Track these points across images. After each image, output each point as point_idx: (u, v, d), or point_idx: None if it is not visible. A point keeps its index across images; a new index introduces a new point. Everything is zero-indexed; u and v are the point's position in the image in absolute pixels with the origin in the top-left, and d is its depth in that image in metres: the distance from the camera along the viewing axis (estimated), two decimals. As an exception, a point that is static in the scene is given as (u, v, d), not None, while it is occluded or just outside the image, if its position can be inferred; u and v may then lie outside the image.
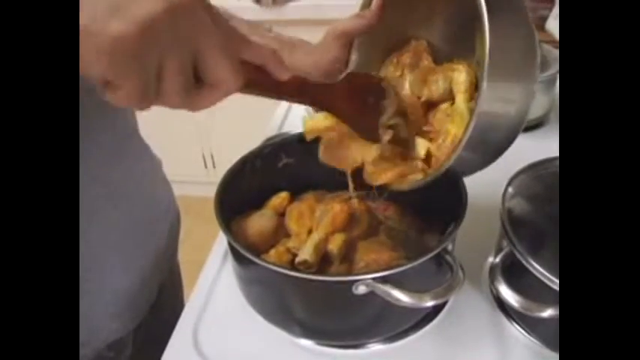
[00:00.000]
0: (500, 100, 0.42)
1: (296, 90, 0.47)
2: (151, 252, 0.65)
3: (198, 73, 0.35)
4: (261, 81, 0.42)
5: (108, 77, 0.31)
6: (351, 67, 0.56)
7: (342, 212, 0.61)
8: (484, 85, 0.40)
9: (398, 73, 0.55)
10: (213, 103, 0.36)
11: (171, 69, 0.32)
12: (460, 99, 0.49)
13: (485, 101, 0.41)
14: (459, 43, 0.53)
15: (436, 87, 0.52)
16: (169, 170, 0.75)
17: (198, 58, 0.34)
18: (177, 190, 0.80)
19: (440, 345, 0.56)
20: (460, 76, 0.50)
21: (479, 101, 0.40)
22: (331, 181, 0.68)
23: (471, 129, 0.42)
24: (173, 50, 0.32)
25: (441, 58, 0.55)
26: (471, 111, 0.48)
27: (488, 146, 0.46)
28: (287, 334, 0.57)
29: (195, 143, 2.13)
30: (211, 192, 0.57)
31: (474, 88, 0.50)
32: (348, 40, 0.54)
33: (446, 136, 0.49)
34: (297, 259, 0.56)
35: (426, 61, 0.55)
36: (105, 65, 0.30)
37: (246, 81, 0.38)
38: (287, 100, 0.48)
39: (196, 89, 0.35)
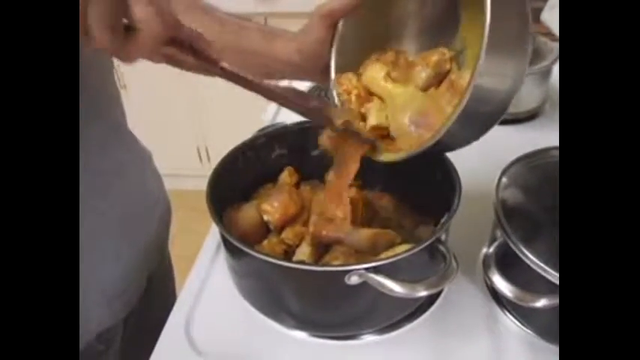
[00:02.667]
0: (495, 73, 0.43)
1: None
2: (139, 242, 0.65)
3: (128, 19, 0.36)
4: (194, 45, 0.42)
5: None
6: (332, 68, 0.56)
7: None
8: (482, 56, 0.40)
9: (382, 74, 0.55)
10: (141, 50, 0.37)
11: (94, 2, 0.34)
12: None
13: (482, 73, 0.41)
14: (434, 41, 0.55)
15: (420, 77, 0.53)
16: (163, 164, 0.74)
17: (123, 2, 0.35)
18: (172, 184, 0.79)
19: (434, 335, 0.56)
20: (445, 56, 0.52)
21: (476, 73, 0.41)
22: (324, 172, 0.68)
23: (466, 100, 0.42)
24: None
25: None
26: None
27: (478, 120, 0.47)
28: (280, 326, 0.57)
29: (190, 136, 2.12)
30: (204, 185, 0.57)
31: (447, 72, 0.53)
32: (333, 20, 0.54)
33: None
34: (294, 259, 0.56)
35: (402, 59, 0.55)
36: None
37: (173, 33, 0.39)
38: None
39: (125, 33, 0.36)
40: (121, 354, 0.66)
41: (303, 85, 1.05)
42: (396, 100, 0.53)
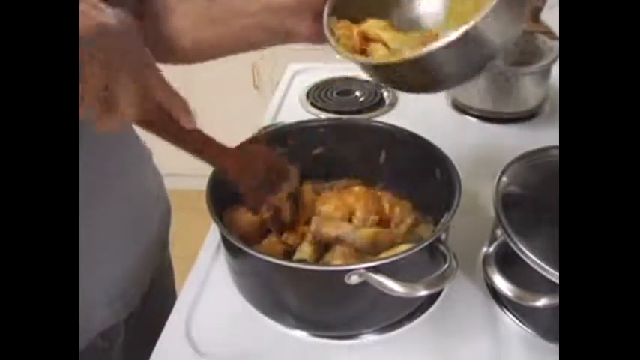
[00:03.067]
0: (495, 26, 0.45)
1: (198, 144, 0.52)
2: (141, 241, 0.65)
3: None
4: (165, 124, 0.46)
5: None
6: None
7: None
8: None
9: (381, 24, 0.55)
10: (112, 126, 0.40)
11: (89, 80, 0.36)
12: None
13: (487, 16, 0.43)
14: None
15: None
16: (163, 163, 0.74)
17: (111, 80, 0.38)
18: (172, 184, 0.79)
19: (434, 335, 0.56)
20: None
21: (486, 10, 0.43)
22: (325, 171, 0.68)
23: (472, 24, 0.43)
24: (97, 64, 0.36)
25: None
26: None
27: (463, 59, 0.48)
28: (280, 326, 0.57)
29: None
30: (204, 185, 0.57)
31: None
32: None
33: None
34: (295, 258, 0.56)
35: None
36: None
37: (147, 118, 0.43)
38: (187, 151, 0.52)
39: (106, 108, 0.39)
40: (125, 352, 0.66)
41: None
42: (398, 40, 0.53)
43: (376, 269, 0.47)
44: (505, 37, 0.48)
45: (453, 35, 0.44)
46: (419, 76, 0.49)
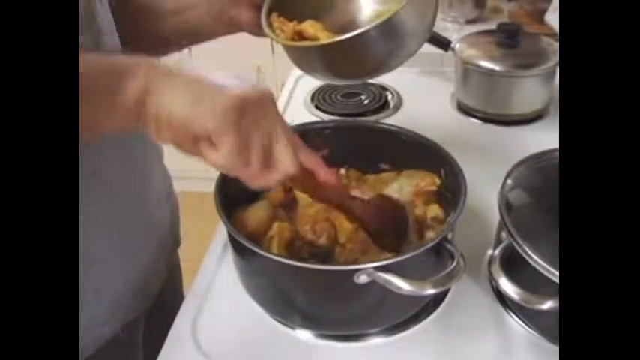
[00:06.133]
0: (413, 15, 0.56)
1: (335, 198, 0.55)
2: (157, 234, 0.67)
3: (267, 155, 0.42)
4: (308, 182, 0.50)
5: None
6: None
7: None
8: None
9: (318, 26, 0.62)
10: (271, 182, 0.44)
11: (256, 142, 0.41)
12: None
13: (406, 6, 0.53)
14: None
15: None
16: (169, 166, 0.75)
17: (271, 140, 0.42)
18: (178, 186, 0.80)
19: (440, 337, 0.56)
20: None
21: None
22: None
23: (392, 14, 0.53)
24: (256, 129, 0.41)
25: None
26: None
27: (389, 42, 0.57)
28: (286, 327, 0.57)
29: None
30: (210, 188, 0.57)
31: None
32: None
33: None
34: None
35: None
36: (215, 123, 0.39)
37: (296, 176, 0.45)
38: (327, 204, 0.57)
39: (267, 167, 0.43)
40: (145, 342, 0.68)
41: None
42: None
43: (385, 268, 0.47)
44: (416, 30, 0.58)
45: (371, 24, 0.53)
46: (349, 58, 0.57)
